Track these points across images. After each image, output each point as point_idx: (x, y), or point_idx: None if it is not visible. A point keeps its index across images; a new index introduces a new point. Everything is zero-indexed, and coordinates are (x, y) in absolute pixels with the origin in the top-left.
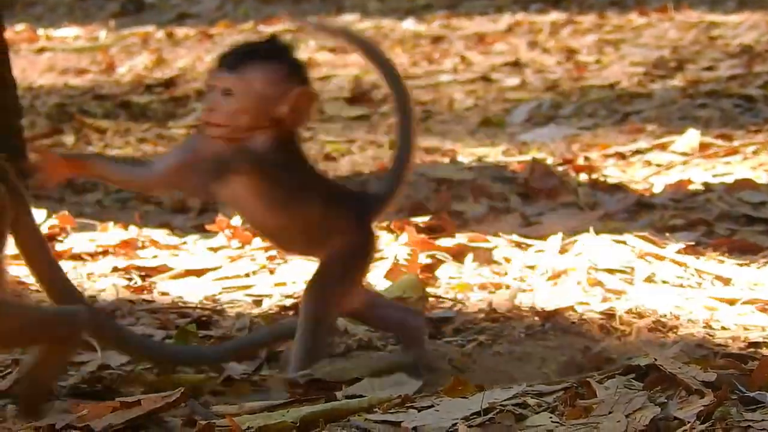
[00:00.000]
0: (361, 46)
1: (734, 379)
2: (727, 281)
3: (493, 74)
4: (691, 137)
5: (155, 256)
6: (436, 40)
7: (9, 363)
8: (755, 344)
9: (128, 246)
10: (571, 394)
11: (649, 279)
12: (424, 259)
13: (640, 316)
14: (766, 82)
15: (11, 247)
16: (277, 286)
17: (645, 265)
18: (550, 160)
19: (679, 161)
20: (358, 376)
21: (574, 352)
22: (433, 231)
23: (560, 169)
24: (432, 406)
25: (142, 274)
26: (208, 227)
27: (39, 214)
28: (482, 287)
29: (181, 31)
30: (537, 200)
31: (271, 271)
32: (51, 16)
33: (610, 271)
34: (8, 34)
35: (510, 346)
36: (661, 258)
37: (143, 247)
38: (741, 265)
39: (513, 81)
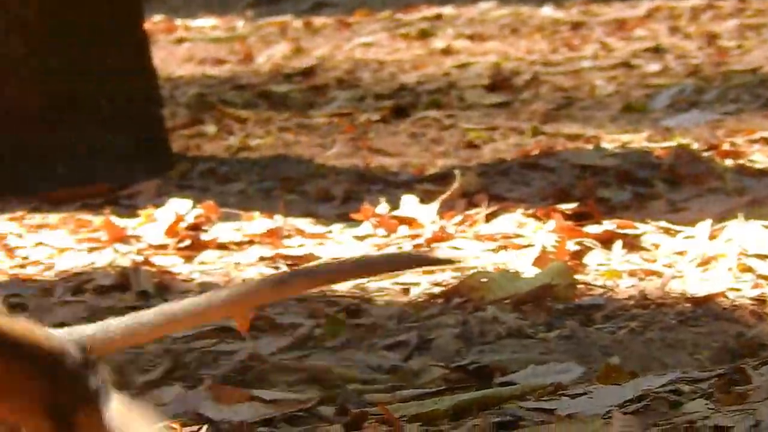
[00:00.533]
0: None
1: None
2: None
3: (634, 60)
4: None
5: (301, 245)
6: (576, 26)
7: None
8: None
9: (274, 235)
10: (726, 380)
11: None
12: (571, 246)
13: None
14: None
15: None
16: (425, 274)
17: None
18: (694, 146)
19: None
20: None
21: (727, 339)
22: (579, 218)
23: (705, 154)
24: (585, 393)
25: (289, 263)
26: (352, 216)
27: (184, 204)
28: (632, 274)
29: (318, 20)
30: (683, 186)
31: None
32: (188, 6)
33: (761, 257)
34: (147, 25)
35: (662, 332)
36: None
37: (289, 237)
38: None
39: (654, 67)
